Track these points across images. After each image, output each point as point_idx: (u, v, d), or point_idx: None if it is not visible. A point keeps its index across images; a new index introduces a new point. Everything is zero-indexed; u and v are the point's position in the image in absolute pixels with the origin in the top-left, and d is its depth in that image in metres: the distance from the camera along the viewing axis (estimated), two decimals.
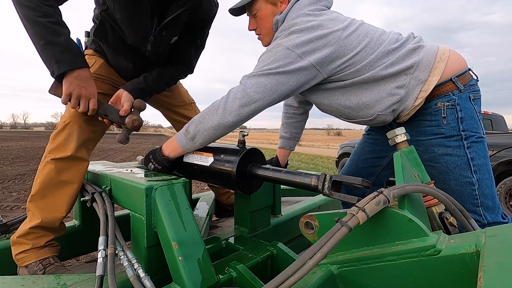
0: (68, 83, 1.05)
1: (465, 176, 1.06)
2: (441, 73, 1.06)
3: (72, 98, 1.07)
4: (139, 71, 1.39)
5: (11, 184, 5.20)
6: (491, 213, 1.07)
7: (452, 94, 1.07)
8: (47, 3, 1.02)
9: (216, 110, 1.03)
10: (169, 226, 0.85)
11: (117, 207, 1.19)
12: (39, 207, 1.12)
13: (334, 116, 1.26)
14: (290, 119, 1.55)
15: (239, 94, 1.01)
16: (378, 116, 1.12)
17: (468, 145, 1.06)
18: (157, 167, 1.16)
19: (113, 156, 10.74)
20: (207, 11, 1.35)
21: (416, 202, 0.75)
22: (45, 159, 1.15)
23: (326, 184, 0.86)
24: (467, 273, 0.57)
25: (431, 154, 1.11)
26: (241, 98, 1.00)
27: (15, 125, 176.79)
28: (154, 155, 1.17)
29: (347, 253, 0.77)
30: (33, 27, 1.01)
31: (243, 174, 1.05)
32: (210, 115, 1.03)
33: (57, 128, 1.19)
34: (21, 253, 1.09)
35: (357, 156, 1.48)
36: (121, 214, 1.42)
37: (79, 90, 1.07)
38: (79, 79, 1.07)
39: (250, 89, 1.01)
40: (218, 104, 1.04)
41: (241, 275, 0.91)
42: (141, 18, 1.20)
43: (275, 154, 1.61)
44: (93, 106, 1.11)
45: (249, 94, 1.00)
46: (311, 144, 29.90)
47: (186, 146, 1.10)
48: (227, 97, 1.03)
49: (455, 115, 1.06)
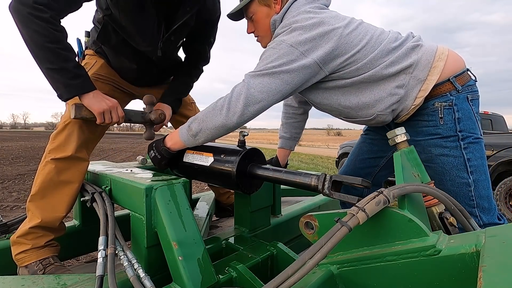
0: (94, 104, 1.10)
1: (462, 177, 1.06)
2: (440, 72, 1.05)
3: (105, 114, 1.13)
4: (142, 71, 1.41)
5: (11, 184, 5.20)
6: (487, 214, 1.07)
7: (449, 95, 1.06)
8: (56, 28, 1.02)
9: (220, 111, 1.02)
10: (169, 226, 0.85)
11: (117, 207, 1.19)
12: (39, 207, 1.12)
13: (333, 116, 1.26)
14: (290, 119, 1.55)
15: (242, 94, 1.00)
16: (377, 116, 1.12)
17: (465, 146, 1.06)
18: (157, 156, 1.17)
19: (113, 156, 10.74)
20: (212, 11, 1.37)
21: (416, 202, 0.75)
22: (45, 159, 1.15)
23: (326, 184, 0.86)
24: (467, 273, 0.57)
25: (427, 155, 1.11)
26: (245, 99, 1.00)
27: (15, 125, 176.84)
28: (157, 143, 1.19)
29: (347, 253, 0.77)
30: (42, 52, 1.02)
31: (243, 174, 1.05)
32: (213, 115, 1.03)
33: (57, 128, 1.19)
34: (21, 253, 1.09)
35: (355, 156, 1.48)
36: (121, 214, 1.42)
37: (106, 106, 1.12)
38: (99, 97, 1.12)
39: (254, 89, 1.00)
40: (222, 104, 1.03)
41: (241, 275, 0.91)
42: (148, 26, 1.22)
43: (275, 154, 1.61)
44: (121, 114, 1.18)
45: (253, 94, 1.00)
46: (311, 144, 29.90)
47: (188, 142, 1.11)
48: (231, 97, 1.02)
49: (452, 115, 1.06)
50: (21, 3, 0.97)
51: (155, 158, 1.18)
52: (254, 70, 1.05)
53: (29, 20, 0.97)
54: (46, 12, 0.98)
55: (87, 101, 1.09)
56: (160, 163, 1.18)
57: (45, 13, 0.98)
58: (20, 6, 0.97)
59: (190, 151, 1.21)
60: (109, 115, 1.14)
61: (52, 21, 1.00)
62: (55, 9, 1.01)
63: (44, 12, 0.98)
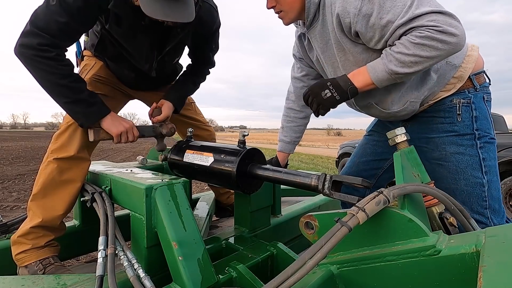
0: (112, 127, 1.18)
1: (476, 177, 1.04)
2: (475, 61, 1.03)
3: (122, 136, 1.21)
4: (141, 79, 1.42)
5: (11, 184, 5.20)
6: (497, 216, 1.05)
7: (468, 92, 1.05)
8: (63, 63, 1.06)
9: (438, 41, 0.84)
10: (169, 226, 0.85)
11: (117, 207, 1.19)
12: (40, 206, 1.12)
13: (364, 112, 1.21)
14: (291, 123, 1.50)
15: (448, 25, 0.84)
16: (409, 104, 1.08)
17: (481, 145, 1.04)
18: (335, 95, 1.01)
19: (113, 156, 10.74)
20: (210, 23, 1.35)
21: (416, 202, 0.75)
22: (47, 159, 1.15)
23: (326, 184, 0.86)
24: (467, 273, 0.57)
25: (441, 152, 1.08)
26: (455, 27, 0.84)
27: (15, 125, 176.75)
28: (335, 82, 1.02)
29: (347, 253, 0.77)
30: (55, 89, 1.07)
31: (243, 174, 1.05)
32: (431, 48, 0.85)
33: (60, 129, 1.20)
34: (21, 253, 1.09)
35: (358, 157, 1.46)
36: (121, 214, 1.42)
37: (124, 128, 1.20)
38: (115, 119, 1.19)
39: (445, 24, 0.84)
40: (430, 38, 0.84)
41: (241, 275, 0.91)
42: (141, 50, 1.25)
43: (275, 154, 1.61)
44: (136, 133, 1.26)
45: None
46: (311, 144, 29.90)
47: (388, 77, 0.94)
48: (439, 29, 0.83)
49: (470, 113, 1.04)
50: (25, 47, 1.00)
51: (330, 100, 1.03)
52: (426, 11, 0.85)
53: (37, 62, 1.02)
54: (51, 52, 1.02)
55: (106, 125, 1.17)
56: (336, 103, 1.04)
57: (51, 53, 1.02)
58: (24, 50, 1.00)
59: (190, 151, 1.21)
60: (126, 136, 1.22)
61: (58, 59, 1.04)
62: (59, 47, 1.05)
63: (49, 52, 1.01)
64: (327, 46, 1.10)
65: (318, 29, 1.08)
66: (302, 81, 1.41)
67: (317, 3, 1.03)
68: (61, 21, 1.00)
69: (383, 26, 0.91)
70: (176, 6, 1.02)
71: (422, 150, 1.14)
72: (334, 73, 1.16)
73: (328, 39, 1.08)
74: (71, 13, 1.01)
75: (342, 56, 1.07)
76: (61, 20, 1.00)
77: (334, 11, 0.98)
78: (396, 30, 0.89)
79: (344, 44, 1.03)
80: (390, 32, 0.91)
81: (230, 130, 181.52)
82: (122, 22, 1.14)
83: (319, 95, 1.03)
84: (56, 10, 1.00)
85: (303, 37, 1.23)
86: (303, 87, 1.40)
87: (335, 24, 1.00)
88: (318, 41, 1.12)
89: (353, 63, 1.06)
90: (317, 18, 1.06)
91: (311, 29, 1.11)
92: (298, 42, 1.28)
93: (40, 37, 0.99)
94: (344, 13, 0.95)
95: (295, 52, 1.38)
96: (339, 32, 1.01)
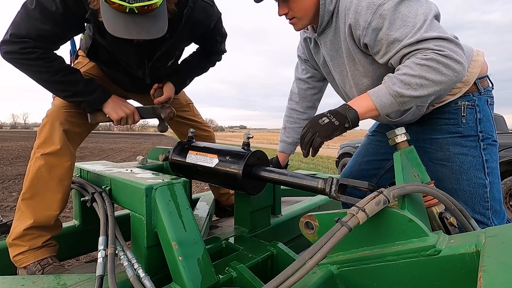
0: (113, 111, 1.21)
1: (479, 178, 1.06)
2: (481, 66, 1.04)
3: (122, 120, 1.23)
4: (137, 84, 1.40)
5: (11, 184, 5.19)
6: (498, 217, 1.07)
7: (472, 95, 1.07)
8: (51, 59, 1.07)
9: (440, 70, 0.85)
10: (169, 226, 0.85)
11: (117, 207, 1.19)
12: (30, 206, 1.10)
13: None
14: (294, 124, 1.48)
15: (453, 52, 0.84)
16: (416, 109, 1.09)
17: (484, 147, 1.06)
18: (333, 121, 0.96)
19: (113, 156, 10.74)
20: (206, 22, 1.29)
21: (416, 202, 0.75)
22: (34, 155, 1.14)
23: (333, 187, 0.89)
24: (467, 273, 0.57)
25: (445, 153, 1.10)
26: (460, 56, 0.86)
27: (15, 125, 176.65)
28: (333, 110, 0.99)
29: (347, 253, 0.77)
30: (51, 86, 1.10)
31: (248, 176, 1.06)
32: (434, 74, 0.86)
33: (41, 123, 1.19)
34: (19, 254, 1.08)
35: (361, 157, 1.46)
36: (121, 214, 1.42)
37: (124, 113, 1.23)
38: (116, 104, 1.22)
39: (450, 51, 0.85)
40: (436, 60, 0.85)
41: (241, 275, 0.91)
42: (131, 58, 1.25)
43: (275, 154, 1.60)
44: (137, 118, 1.29)
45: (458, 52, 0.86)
46: None
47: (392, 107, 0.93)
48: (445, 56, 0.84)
49: (474, 115, 1.06)
50: (9, 53, 1.02)
51: (328, 126, 0.96)
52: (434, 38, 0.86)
53: (25, 64, 1.04)
54: (36, 52, 1.03)
55: (107, 109, 1.20)
56: (334, 130, 0.97)
57: (35, 53, 1.03)
58: (10, 56, 1.03)
59: (193, 152, 1.21)
60: (125, 121, 1.24)
61: (45, 57, 1.05)
62: (43, 48, 1.05)
63: (33, 53, 1.03)
64: (337, 53, 1.11)
65: (330, 36, 1.08)
66: (307, 83, 1.41)
67: (331, 11, 1.03)
68: (41, 27, 1.01)
69: (390, 43, 0.91)
70: (141, 21, 0.93)
71: (425, 151, 1.15)
72: (342, 81, 1.17)
73: (339, 47, 1.08)
74: (52, 20, 1.01)
75: (352, 66, 1.08)
76: (41, 27, 1.01)
77: (347, 21, 0.98)
78: (402, 49, 0.89)
79: (355, 55, 1.04)
80: (396, 50, 0.90)
81: (230, 130, 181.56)
82: (104, 32, 1.03)
83: (316, 123, 0.98)
84: (36, 17, 0.99)
85: (309, 40, 1.23)
86: (307, 89, 1.41)
87: (347, 34, 1.00)
88: (328, 48, 1.12)
89: (362, 73, 1.07)
90: (330, 26, 1.07)
91: (322, 35, 1.11)
92: (304, 44, 1.28)
93: (21, 43, 1.00)
94: (356, 25, 0.95)
95: (300, 53, 1.37)
96: (351, 42, 1.01)
